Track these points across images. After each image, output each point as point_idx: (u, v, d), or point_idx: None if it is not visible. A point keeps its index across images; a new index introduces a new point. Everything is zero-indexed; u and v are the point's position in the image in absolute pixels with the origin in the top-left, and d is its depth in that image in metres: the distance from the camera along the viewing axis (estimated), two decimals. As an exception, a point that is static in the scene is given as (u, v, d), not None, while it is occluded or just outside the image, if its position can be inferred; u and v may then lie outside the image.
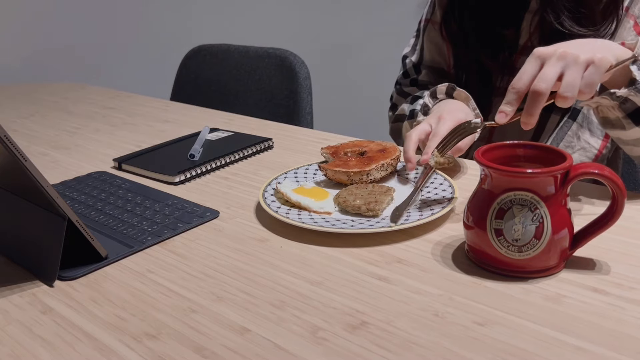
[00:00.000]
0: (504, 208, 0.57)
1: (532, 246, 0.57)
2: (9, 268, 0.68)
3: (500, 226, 0.57)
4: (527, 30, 0.95)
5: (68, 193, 0.88)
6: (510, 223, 0.57)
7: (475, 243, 0.60)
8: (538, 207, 0.56)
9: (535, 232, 0.56)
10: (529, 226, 0.56)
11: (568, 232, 0.58)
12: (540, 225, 0.56)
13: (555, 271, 0.59)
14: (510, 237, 0.57)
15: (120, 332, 0.55)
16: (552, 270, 0.59)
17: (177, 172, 0.91)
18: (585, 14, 0.85)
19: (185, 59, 1.76)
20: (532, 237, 0.56)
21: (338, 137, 1.09)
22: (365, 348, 0.50)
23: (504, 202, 0.57)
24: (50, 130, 1.27)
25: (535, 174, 0.56)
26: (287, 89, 1.52)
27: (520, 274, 0.58)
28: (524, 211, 0.56)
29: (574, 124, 0.92)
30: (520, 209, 0.56)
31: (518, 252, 0.57)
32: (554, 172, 0.56)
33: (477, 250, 0.61)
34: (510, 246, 0.57)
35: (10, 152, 0.57)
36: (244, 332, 0.53)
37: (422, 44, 1.10)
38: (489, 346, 0.49)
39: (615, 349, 0.48)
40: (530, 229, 0.56)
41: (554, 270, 0.59)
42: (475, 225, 0.60)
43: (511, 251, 0.57)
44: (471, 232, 0.61)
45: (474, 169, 0.89)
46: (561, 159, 0.58)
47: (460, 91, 0.93)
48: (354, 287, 0.59)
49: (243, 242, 0.71)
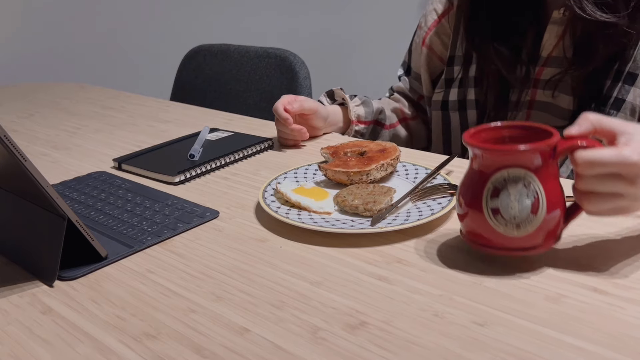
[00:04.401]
0: (498, 187, 0.58)
1: (529, 222, 0.57)
2: (9, 268, 0.68)
3: (497, 205, 0.57)
4: (552, 41, 0.94)
5: (68, 193, 0.88)
6: (506, 201, 0.57)
7: (473, 227, 0.60)
8: (532, 183, 0.57)
9: (531, 208, 0.57)
10: (525, 202, 0.57)
11: (562, 205, 0.59)
12: (536, 201, 0.57)
13: (552, 246, 0.60)
14: (508, 215, 0.57)
15: (120, 332, 0.55)
16: (549, 245, 0.59)
17: (177, 172, 0.91)
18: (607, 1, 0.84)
19: (185, 59, 1.76)
20: (529, 213, 0.57)
21: (338, 137, 1.10)
22: (365, 348, 0.50)
23: (497, 181, 0.58)
24: (50, 130, 1.27)
25: (527, 150, 0.56)
26: (287, 89, 1.52)
27: (520, 251, 0.59)
28: (519, 187, 0.57)
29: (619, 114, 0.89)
30: (515, 185, 0.57)
31: (517, 229, 0.57)
32: (545, 146, 0.57)
33: (475, 235, 0.60)
34: (508, 224, 0.57)
35: (10, 152, 0.57)
36: (244, 332, 0.53)
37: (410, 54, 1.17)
38: (489, 346, 0.49)
39: (615, 349, 0.48)
40: (526, 205, 0.57)
41: (552, 244, 0.60)
42: (470, 209, 0.60)
43: (510, 229, 0.57)
44: (467, 217, 0.61)
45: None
46: (547, 134, 0.59)
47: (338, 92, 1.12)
48: (354, 287, 0.59)
49: (243, 242, 0.71)
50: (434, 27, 1.10)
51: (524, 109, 0.98)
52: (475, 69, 1.03)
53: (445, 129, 1.09)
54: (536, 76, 0.96)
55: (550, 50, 0.94)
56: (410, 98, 1.18)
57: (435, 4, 1.11)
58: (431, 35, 1.10)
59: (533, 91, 0.97)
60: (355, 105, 1.11)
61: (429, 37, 1.10)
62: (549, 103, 0.95)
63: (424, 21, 1.12)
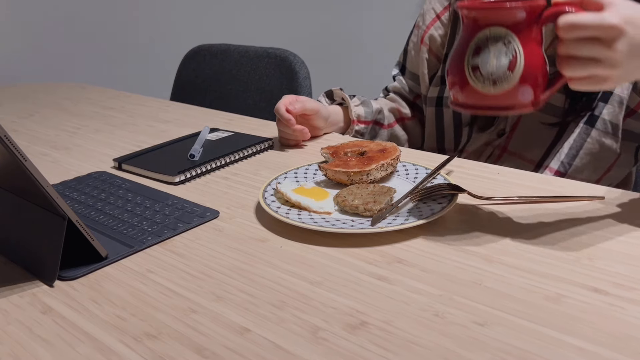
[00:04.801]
0: (480, 45, 0.60)
1: (506, 78, 0.60)
2: (9, 268, 0.68)
3: (477, 62, 0.61)
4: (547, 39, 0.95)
5: (68, 193, 0.88)
6: (486, 58, 0.60)
7: (456, 88, 0.64)
8: (511, 42, 0.59)
9: (508, 65, 0.59)
10: (503, 59, 0.60)
11: (541, 69, 0.61)
12: (514, 59, 0.59)
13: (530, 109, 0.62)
14: (486, 71, 0.60)
15: (120, 332, 0.55)
16: (527, 107, 0.62)
17: (177, 172, 0.91)
18: None
19: (185, 59, 1.76)
20: (505, 70, 0.59)
21: (338, 137, 1.10)
22: (365, 348, 0.50)
23: (480, 40, 0.60)
24: (50, 130, 1.27)
25: (511, 8, 0.59)
26: (287, 89, 1.52)
27: (498, 110, 0.63)
28: (499, 46, 0.59)
29: (593, 130, 0.92)
30: (495, 44, 0.60)
31: (493, 86, 0.60)
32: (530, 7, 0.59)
33: (458, 94, 0.64)
34: (486, 80, 0.60)
35: (10, 152, 0.57)
36: (244, 332, 0.53)
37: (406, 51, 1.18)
38: (489, 346, 0.49)
39: (615, 349, 0.48)
40: (503, 62, 0.60)
41: (530, 107, 0.62)
42: (455, 68, 0.63)
43: (487, 85, 0.60)
44: (451, 77, 0.64)
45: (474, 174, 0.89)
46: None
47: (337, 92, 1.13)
48: (354, 287, 0.59)
49: (243, 242, 0.71)
50: (432, 25, 1.12)
51: None
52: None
53: (438, 125, 1.10)
54: None
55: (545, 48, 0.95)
56: (407, 98, 1.19)
57: (433, 3, 1.12)
58: (429, 33, 1.11)
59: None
60: (355, 105, 1.11)
61: (427, 35, 1.11)
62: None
63: (421, 20, 1.14)
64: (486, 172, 0.87)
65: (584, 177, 0.94)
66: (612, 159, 0.93)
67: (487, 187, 0.81)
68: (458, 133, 1.08)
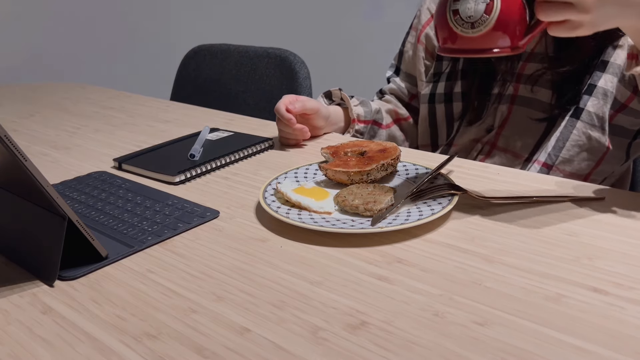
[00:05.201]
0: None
1: (483, 22, 0.65)
2: (9, 268, 0.68)
3: (457, 7, 0.66)
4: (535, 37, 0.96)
5: (68, 193, 0.88)
6: (465, 3, 0.66)
7: (440, 32, 0.69)
8: None
9: (485, 9, 0.65)
10: (480, 4, 0.65)
11: (519, 14, 0.66)
12: (490, 2, 0.65)
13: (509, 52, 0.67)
14: (465, 15, 0.66)
15: (120, 332, 0.55)
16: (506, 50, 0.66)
17: (177, 172, 0.91)
18: None
19: (185, 59, 1.76)
20: (482, 13, 0.65)
21: (338, 137, 1.10)
22: (365, 348, 0.50)
23: None
24: (50, 130, 1.27)
25: None
26: (287, 89, 1.52)
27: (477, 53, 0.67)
28: None
29: (578, 122, 0.93)
30: None
31: (472, 29, 0.66)
32: None
33: (442, 38, 0.69)
34: (464, 24, 0.66)
35: (10, 152, 0.57)
36: (244, 332, 0.53)
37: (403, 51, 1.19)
38: (489, 346, 0.49)
39: (615, 349, 0.48)
40: (481, 6, 0.65)
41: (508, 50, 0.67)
42: (439, 14, 0.69)
43: (465, 29, 0.66)
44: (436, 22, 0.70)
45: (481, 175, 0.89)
46: None
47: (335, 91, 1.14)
48: (354, 287, 0.59)
49: (243, 242, 0.71)
50: (427, 24, 1.14)
51: (506, 103, 1.01)
52: (463, 62, 1.06)
53: (431, 121, 1.12)
54: (520, 71, 1.00)
55: (533, 46, 0.97)
56: (403, 99, 1.20)
57: (429, 3, 1.14)
58: (425, 32, 1.13)
59: (516, 86, 1.00)
60: (354, 105, 1.12)
61: (423, 34, 1.13)
62: (530, 98, 0.98)
63: (417, 21, 1.16)
64: (486, 172, 0.87)
65: (572, 170, 0.94)
66: (601, 152, 0.94)
67: (487, 187, 0.81)
68: (450, 128, 1.09)
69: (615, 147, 0.94)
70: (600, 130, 0.92)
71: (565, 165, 0.94)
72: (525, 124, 0.99)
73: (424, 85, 1.13)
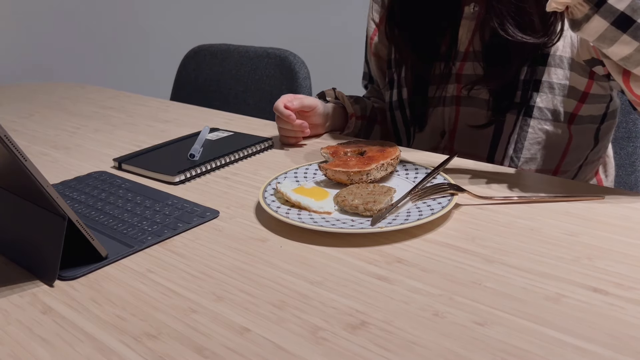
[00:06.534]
0: None
1: None
2: (9, 268, 0.68)
3: None
4: (466, 36, 0.97)
5: (68, 193, 0.88)
6: None
7: None
8: None
9: None
10: None
11: None
12: None
13: None
14: None
15: (120, 332, 0.55)
16: None
17: (177, 172, 0.91)
18: (526, 21, 0.87)
19: (185, 59, 1.76)
20: None
21: (338, 137, 1.10)
22: (365, 348, 0.50)
23: None
24: (50, 130, 1.27)
25: None
26: (287, 89, 1.52)
27: None
28: None
29: (531, 120, 0.93)
30: None
31: None
32: None
33: None
34: None
35: (10, 152, 0.57)
36: (244, 332, 0.53)
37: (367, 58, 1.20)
38: (489, 346, 0.49)
39: (615, 349, 0.48)
40: None
41: None
42: None
43: None
44: None
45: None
46: None
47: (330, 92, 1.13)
48: (354, 287, 0.59)
49: (243, 242, 0.71)
50: (375, 35, 1.15)
51: (452, 105, 1.02)
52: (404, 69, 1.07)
53: (394, 128, 1.13)
54: (458, 71, 1.00)
55: (466, 45, 0.98)
56: (384, 101, 1.21)
57: (372, 14, 1.15)
58: (375, 43, 1.14)
59: (458, 87, 1.00)
60: (351, 101, 1.13)
61: (373, 44, 1.14)
62: (473, 97, 0.99)
63: (367, 31, 1.16)
64: (486, 172, 0.87)
65: (539, 167, 0.95)
66: (563, 144, 0.94)
67: (487, 187, 0.81)
68: (409, 134, 1.11)
69: (582, 135, 0.94)
70: (555, 122, 0.93)
71: (530, 164, 0.95)
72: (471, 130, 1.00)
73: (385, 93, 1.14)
